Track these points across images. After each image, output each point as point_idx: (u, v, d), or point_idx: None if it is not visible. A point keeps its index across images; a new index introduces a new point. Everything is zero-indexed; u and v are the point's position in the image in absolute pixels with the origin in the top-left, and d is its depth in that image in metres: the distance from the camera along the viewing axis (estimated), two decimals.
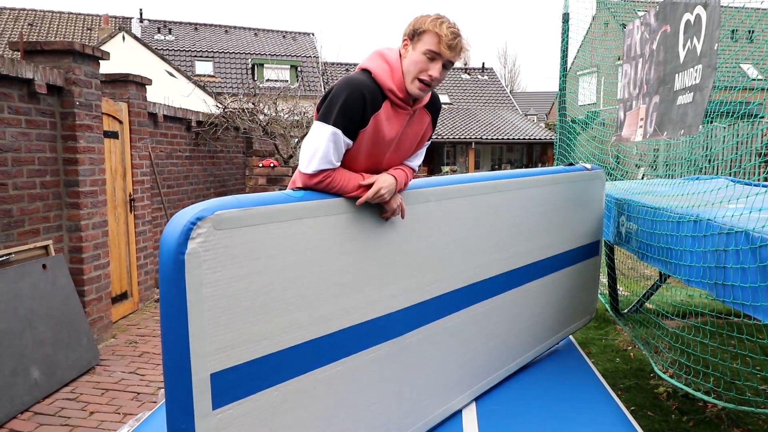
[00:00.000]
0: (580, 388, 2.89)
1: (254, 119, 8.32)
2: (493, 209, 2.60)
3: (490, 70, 32.13)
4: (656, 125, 3.36)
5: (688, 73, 2.97)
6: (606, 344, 4.83)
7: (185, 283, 1.47)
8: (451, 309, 2.40)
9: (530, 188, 2.86)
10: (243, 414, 1.62)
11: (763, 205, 2.25)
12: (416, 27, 1.93)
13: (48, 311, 3.98)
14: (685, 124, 2.96)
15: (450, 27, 1.90)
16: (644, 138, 3.60)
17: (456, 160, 26.57)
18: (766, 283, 2.04)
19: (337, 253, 1.87)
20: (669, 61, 3.24)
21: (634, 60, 3.82)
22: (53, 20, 25.54)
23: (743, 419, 3.41)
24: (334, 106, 1.86)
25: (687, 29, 2.99)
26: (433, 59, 1.91)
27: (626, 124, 3.93)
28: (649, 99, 3.52)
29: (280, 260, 1.69)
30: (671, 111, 3.16)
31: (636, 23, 3.79)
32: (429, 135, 2.21)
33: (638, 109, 3.70)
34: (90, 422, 3.47)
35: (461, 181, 2.45)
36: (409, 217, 2.11)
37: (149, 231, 6.16)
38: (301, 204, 1.77)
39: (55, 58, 4.48)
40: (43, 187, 4.35)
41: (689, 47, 2.95)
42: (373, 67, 1.96)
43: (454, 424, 2.45)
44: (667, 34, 3.25)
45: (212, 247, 1.52)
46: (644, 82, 3.63)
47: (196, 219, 1.50)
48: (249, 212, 1.61)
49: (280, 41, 28.11)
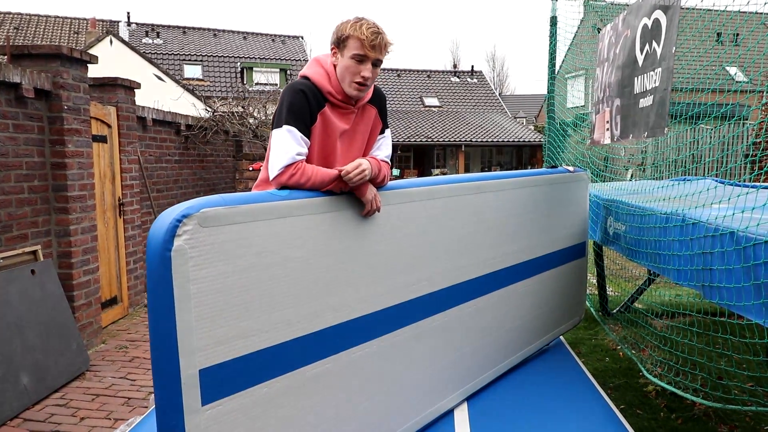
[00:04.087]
0: (570, 388, 2.92)
1: (244, 123, 8.31)
2: (478, 210, 2.63)
3: (479, 73, 32.27)
4: (621, 129, 3.40)
5: (648, 76, 3.01)
6: (596, 344, 4.87)
7: (172, 279, 1.49)
8: (438, 308, 2.43)
9: (514, 189, 2.90)
10: (232, 410, 1.63)
11: (748, 206, 2.29)
12: (340, 34, 2.03)
13: (37, 317, 3.95)
14: (648, 127, 3.00)
15: (370, 27, 1.99)
16: (612, 141, 3.64)
17: (446, 162, 26.64)
18: (751, 282, 2.08)
19: (323, 251, 1.90)
20: (628, 64, 3.28)
21: (602, 64, 3.87)
22: (39, 24, 25.32)
23: (730, 416, 3.45)
24: (282, 110, 1.98)
25: (644, 34, 3.04)
26: (362, 61, 2.01)
27: (596, 126, 3.98)
28: (611, 102, 3.57)
29: (266, 257, 1.72)
30: (634, 114, 3.21)
31: (608, 27, 3.84)
32: (380, 126, 2.27)
33: (604, 112, 3.74)
34: (80, 428, 3.44)
35: (446, 181, 2.49)
36: (395, 216, 2.15)
37: (139, 235, 6.13)
38: (286, 203, 1.80)
39: (43, 62, 4.45)
40: (32, 191, 4.32)
41: (648, 51, 2.99)
42: (311, 73, 2.07)
43: (446, 424, 2.46)
44: (627, 38, 3.30)
45: (198, 244, 1.54)
46: (607, 86, 3.67)
47: (181, 216, 1.52)
48: (234, 210, 1.63)
49: (269, 45, 28.06)
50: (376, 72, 2.06)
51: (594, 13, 5.82)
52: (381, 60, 2.04)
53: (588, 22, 7.61)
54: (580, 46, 6.60)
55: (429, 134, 24.59)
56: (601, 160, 5.20)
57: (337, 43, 2.04)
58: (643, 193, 3.65)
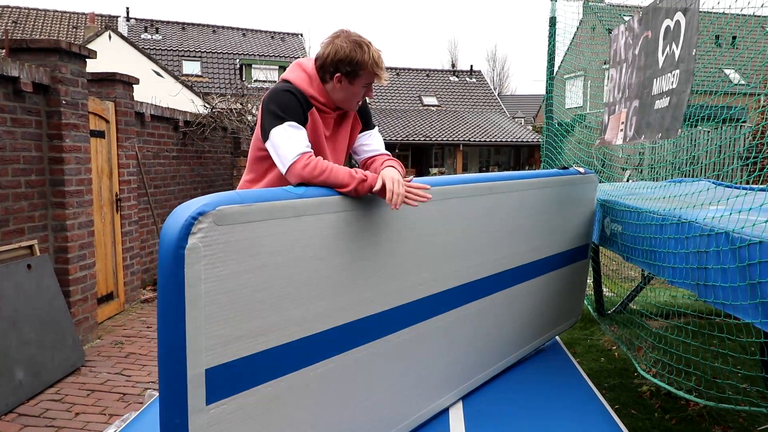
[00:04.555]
0: (565, 388, 2.92)
1: (242, 119, 8.31)
2: (488, 211, 2.61)
3: (478, 73, 32.28)
4: (635, 129, 3.41)
5: (665, 78, 3.02)
6: (591, 344, 4.89)
7: (184, 278, 1.46)
8: (442, 308, 2.41)
9: (524, 191, 2.87)
10: (236, 409, 1.62)
11: (744, 207, 2.30)
12: (351, 67, 1.99)
13: (33, 312, 3.95)
14: (663, 128, 3.00)
15: (378, 56, 2.01)
16: (624, 141, 3.65)
17: (444, 161, 26.65)
18: (746, 282, 2.09)
19: (335, 251, 1.87)
20: (649, 66, 3.29)
21: (619, 65, 3.88)
22: (38, 18, 25.25)
23: (724, 417, 3.47)
24: (275, 111, 1.95)
25: (666, 35, 3.05)
26: (370, 87, 2.08)
27: (609, 127, 3.99)
28: (629, 103, 3.58)
29: (278, 257, 1.69)
30: (649, 115, 3.21)
31: (621, 28, 3.85)
32: (359, 127, 2.29)
33: (620, 113, 3.75)
34: (75, 423, 3.44)
35: (458, 182, 2.46)
36: (406, 216, 2.11)
37: (136, 231, 6.13)
38: (302, 201, 1.76)
39: (41, 57, 4.44)
40: (29, 186, 4.32)
41: (668, 53, 3.00)
42: (293, 77, 2.07)
43: (440, 423, 2.47)
44: (648, 40, 3.31)
45: (212, 243, 1.51)
46: (626, 87, 3.69)
47: (197, 214, 1.48)
48: (250, 208, 1.60)
49: (269, 42, 28.03)
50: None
51: (593, 15, 5.83)
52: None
53: (587, 23, 7.63)
54: (578, 46, 6.62)
55: (427, 133, 24.60)
56: (598, 161, 5.21)
57: (348, 73, 2.01)
58: (639, 194, 3.66)
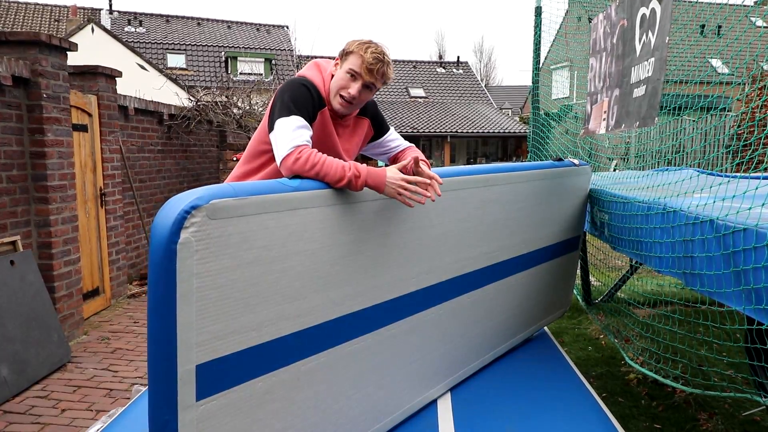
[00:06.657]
0: (553, 377, 2.94)
1: (228, 113, 8.24)
2: (482, 203, 2.60)
3: (464, 64, 32.26)
4: (616, 118, 3.42)
5: (642, 66, 3.02)
6: (579, 333, 4.92)
7: (176, 273, 1.43)
8: (434, 301, 2.40)
9: (519, 183, 2.86)
10: (226, 405, 1.60)
11: (727, 195, 2.31)
12: (346, 48, 2.06)
13: (17, 308, 3.89)
14: (640, 116, 3.01)
15: (375, 53, 2.01)
16: (607, 131, 3.66)
17: (432, 153, 26.65)
18: (731, 269, 2.10)
19: (328, 245, 1.84)
20: (627, 54, 3.29)
21: (599, 53, 3.88)
22: (19, 11, 24.83)
23: (710, 403, 3.51)
24: (286, 102, 1.95)
25: (642, 23, 3.05)
26: (354, 78, 2.03)
27: (592, 117, 4.00)
28: (611, 92, 3.59)
29: (271, 251, 1.66)
30: (629, 104, 3.22)
31: (600, 17, 3.85)
32: (371, 133, 2.32)
33: (602, 102, 3.76)
34: (61, 420, 3.41)
35: (452, 174, 2.44)
36: (399, 209, 2.10)
37: (121, 226, 6.06)
38: (297, 194, 1.72)
39: (21, 50, 4.36)
40: (10, 181, 4.25)
41: (644, 41, 3.00)
42: (310, 75, 2.09)
43: (429, 413, 2.47)
44: (625, 28, 3.31)
45: (205, 237, 1.47)
46: (607, 76, 3.69)
47: (190, 207, 1.44)
48: (244, 202, 1.56)
49: (254, 34, 27.78)
50: (365, 95, 2.07)
51: (578, 4, 5.82)
52: (375, 86, 2.06)
53: (573, 13, 7.63)
54: (565, 36, 6.62)
55: (414, 125, 24.57)
56: (584, 152, 5.23)
57: (341, 55, 2.07)
58: (626, 183, 3.67)
